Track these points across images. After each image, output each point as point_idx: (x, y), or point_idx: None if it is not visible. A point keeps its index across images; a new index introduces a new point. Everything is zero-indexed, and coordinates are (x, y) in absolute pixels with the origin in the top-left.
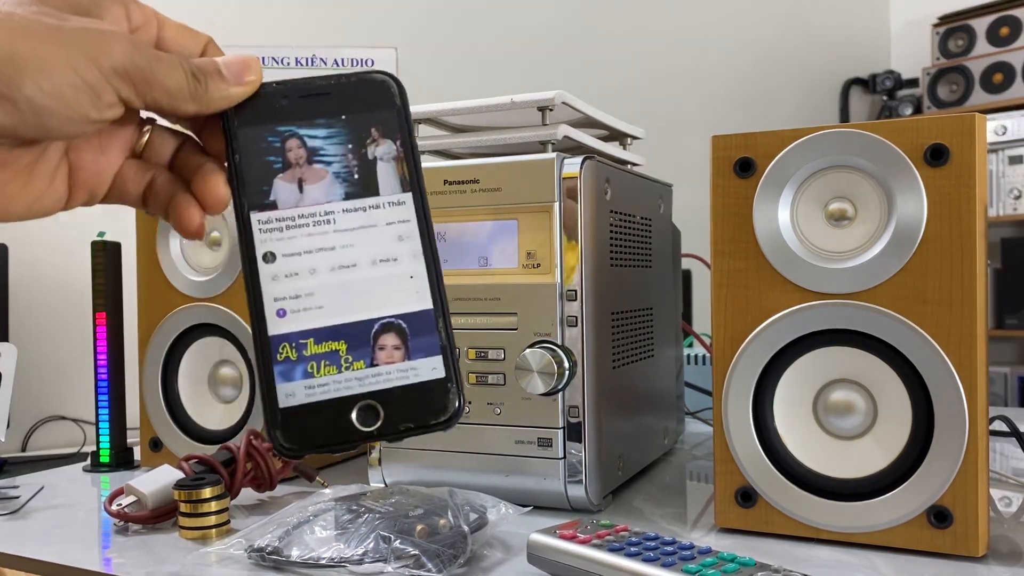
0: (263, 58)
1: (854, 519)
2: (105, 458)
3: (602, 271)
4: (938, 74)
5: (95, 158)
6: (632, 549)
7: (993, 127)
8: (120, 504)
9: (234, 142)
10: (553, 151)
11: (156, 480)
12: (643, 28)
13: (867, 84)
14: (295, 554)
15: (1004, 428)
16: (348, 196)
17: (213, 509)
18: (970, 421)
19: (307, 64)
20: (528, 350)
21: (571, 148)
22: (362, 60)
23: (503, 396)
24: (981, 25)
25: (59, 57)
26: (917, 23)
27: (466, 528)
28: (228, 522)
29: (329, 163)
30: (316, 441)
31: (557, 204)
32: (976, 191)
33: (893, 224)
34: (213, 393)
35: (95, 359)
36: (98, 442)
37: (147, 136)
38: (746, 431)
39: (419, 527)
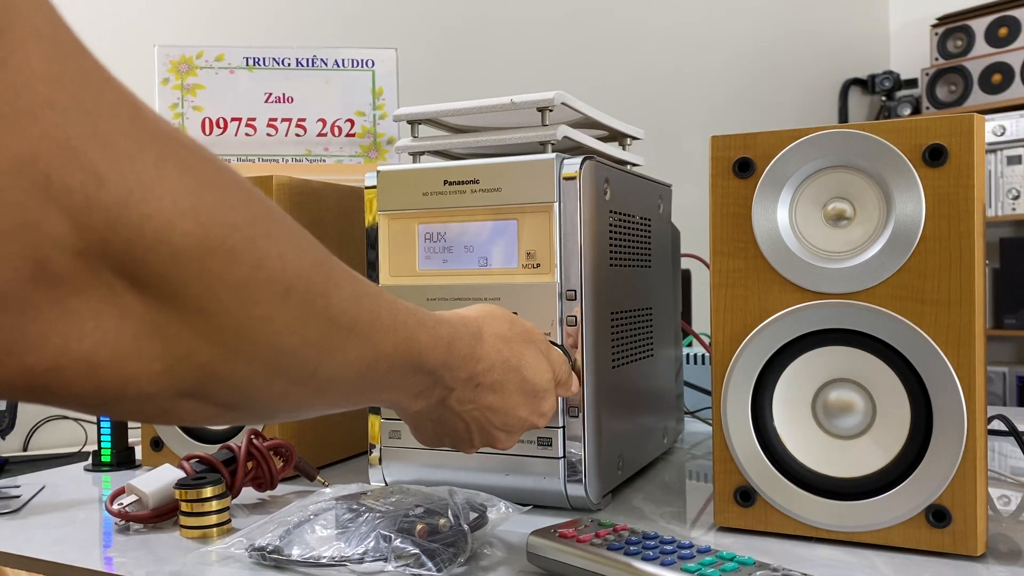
0: (263, 59)
1: (853, 518)
2: (106, 457)
3: (601, 271)
4: (937, 74)
5: None
6: (632, 548)
7: (991, 127)
8: (121, 503)
9: None
10: (553, 151)
11: (157, 479)
12: (643, 28)
13: (866, 84)
14: (296, 553)
15: (1002, 427)
16: None
17: (214, 508)
18: (968, 420)
19: (307, 64)
20: None
21: (571, 148)
22: (362, 60)
23: None
24: (980, 26)
25: None
26: (916, 24)
27: (466, 527)
28: (229, 521)
29: None
30: None
31: (557, 204)
32: (975, 191)
33: (892, 224)
34: None
35: None
36: (99, 441)
37: None
38: (745, 430)
39: (419, 526)
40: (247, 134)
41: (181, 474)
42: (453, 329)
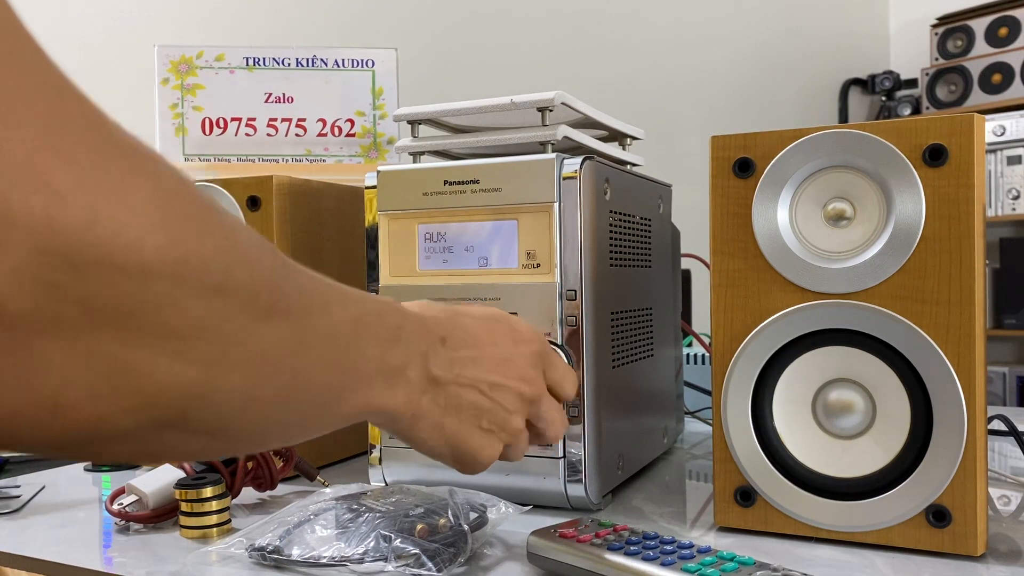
0: (263, 59)
1: (853, 518)
2: None
3: (602, 271)
4: (937, 74)
5: None
6: (632, 548)
7: (991, 127)
8: (121, 503)
9: None
10: (553, 151)
11: (157, 479)
12: (643, 28)
13: (866, 84)
14: (296, 553)
15: (1002, 427)
16: None
17: (214, 508)
18: (968, 420)
19: (307, 64)
20: None
21: (571, 148)
22: (362, 60)
23: None
24: (980, 26)
25: None
26: (916, 23)
27: (466, 527)
28: (229, 521)
29: None
30: None
31: (557, 204)
32: (975, 191)
33: (892, 224)
34: None
35: None
36: None
37: None
38: (745, 430)
39: (419, 526)
40: (247, 134)
41: (181, 474)
42: (385, 298)
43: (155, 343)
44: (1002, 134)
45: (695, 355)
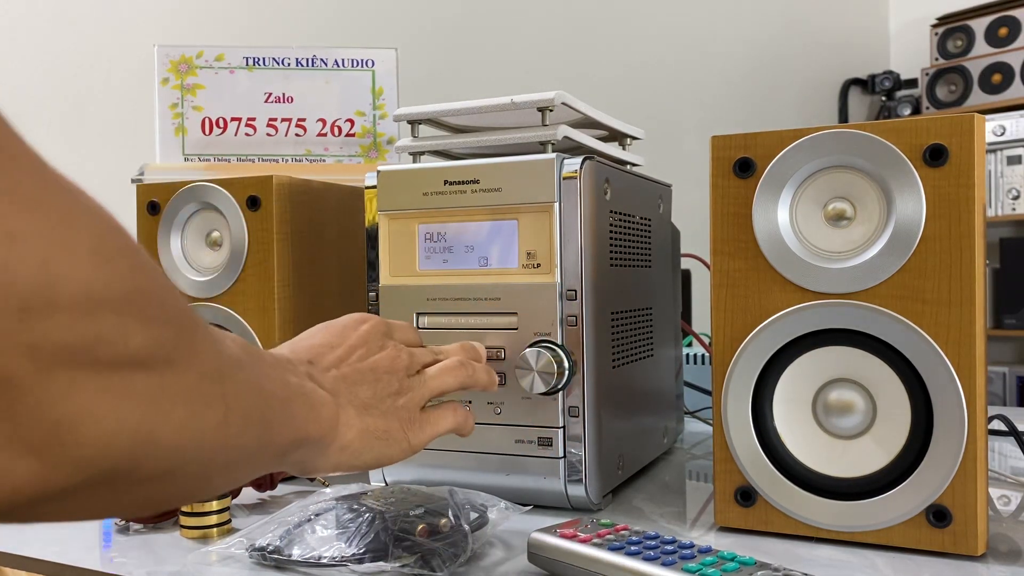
0: (263, 59)
1: (853, 518)
2: None
3: (602, 271)
4: (937, 74)
5: None
6: (632, 548)
7: (992, 127)
8: None
9: None
10: (553, 151)
11: None
12: (643, 28)
13: (866, 84)
14: (296, 553)
15: (1003, 427)
16: None
17: (214, 508)
18: (969, 420)
19: (307, 64)
20: (528, 349)
21: (571, 148)
22: (362, 60)
23: (503, 396)
24: (980, 25)
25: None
26: (916, 23)
27: (467, 527)
28: (229, 521)
29: None
30: None
31: (557, 204)
32: (975, 191)
33: (892, 224)
34: None
35: None
36: None
37: None
38: (745, 430)
39: (420, 526)
40: (247, 134)
41: None
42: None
43: (102, 381)
44: (1002, 134)
45: (695, 355)
